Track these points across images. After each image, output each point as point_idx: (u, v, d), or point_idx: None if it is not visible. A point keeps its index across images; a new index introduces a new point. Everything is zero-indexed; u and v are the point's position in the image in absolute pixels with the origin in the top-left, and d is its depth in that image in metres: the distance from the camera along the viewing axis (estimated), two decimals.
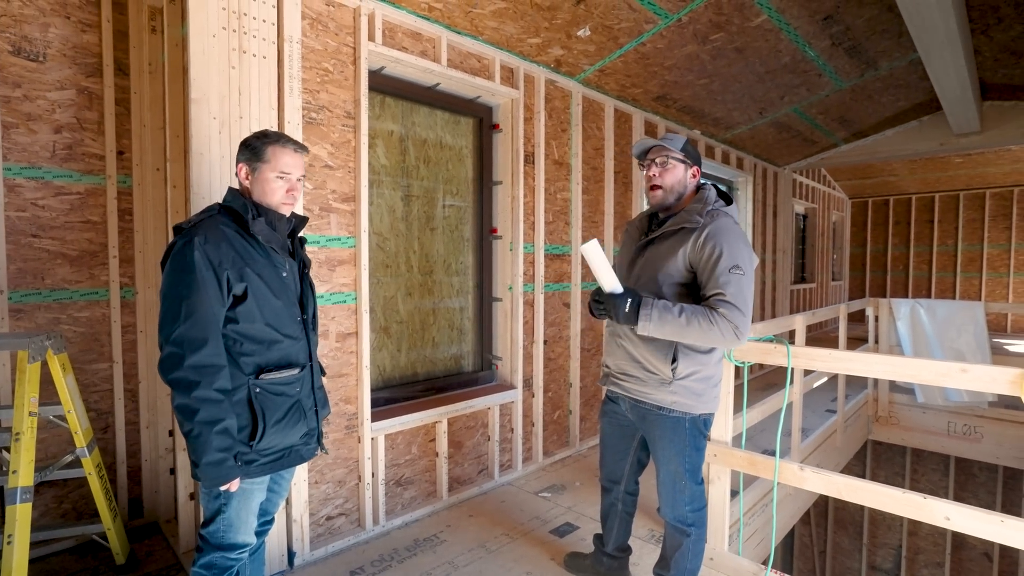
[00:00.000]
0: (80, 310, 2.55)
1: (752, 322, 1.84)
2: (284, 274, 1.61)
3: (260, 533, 1.78)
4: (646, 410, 1.92)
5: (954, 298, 9.84)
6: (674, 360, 1.80)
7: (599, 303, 1.82)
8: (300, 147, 1.63)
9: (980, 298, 9.59)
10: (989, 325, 9.32)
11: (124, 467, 2.67)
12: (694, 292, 1.82)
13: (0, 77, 2.29)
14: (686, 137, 1.92)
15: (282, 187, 1.59)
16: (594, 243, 1.73)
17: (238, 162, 1.60)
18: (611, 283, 1.77)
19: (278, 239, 1.62)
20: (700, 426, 1.90)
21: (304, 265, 1.72)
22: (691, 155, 1.89)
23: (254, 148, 1.58)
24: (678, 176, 1.87)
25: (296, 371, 1.62)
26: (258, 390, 1.51)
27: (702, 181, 1.96)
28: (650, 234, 1.94)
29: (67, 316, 2.51)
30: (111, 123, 2.59)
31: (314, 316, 1.76)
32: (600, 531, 2.31)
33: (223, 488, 1.46)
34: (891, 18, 3.57)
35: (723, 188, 1.94)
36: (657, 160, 1.87)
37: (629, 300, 1.73)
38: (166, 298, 1.43)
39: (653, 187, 1.89)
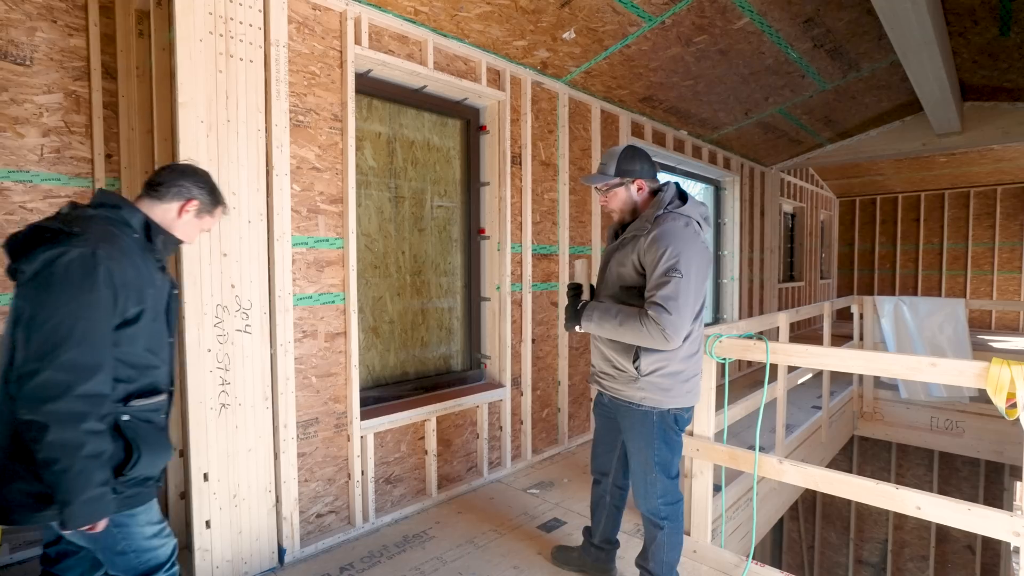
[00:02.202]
0: None
1: (739, 319, 1.90)
2: (164, 295, 1.53)
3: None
4: (619, 404, 2.02)
5: (940, 295, 9.99)
6: (636, 358, 1.88)
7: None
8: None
9: (965, 295, 9.74)
10: (974, 322, 9.54)
11: None
12: None
13: None
14: (623, 149, 1.99)
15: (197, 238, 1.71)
16: (580, 262, 2.13)
17: (192, 196, 1.54)
18: (586, 296, 2.09)
19: (164, 260, 1.57)
20: (670, 421, 1.95)
21: (173, 285, 1.59)
22: (629, 172, 1.96)
23: (214, 197, 1.61)
24: (621, 197, 1.99)
25: (162, 397, 1.50)
26: (127, 418, 1.38)
27: (664, 182, 2.01)
28: (618, 239, 2.03)
29: None
30: (99, 126, 2.60)
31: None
32: (589, 523, 2.36)
33: (93, 529, 1.30)
34: (871, 21, 3.64)
35: (683, 187, 2.00)
36: (600, 189, 2.03)
37: (575, 306, 2.01)
38: (53, 315, 1.24)
39: (610, 211, 2.07)
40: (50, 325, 1.24)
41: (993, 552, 7.00)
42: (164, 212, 1.52)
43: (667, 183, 1.99)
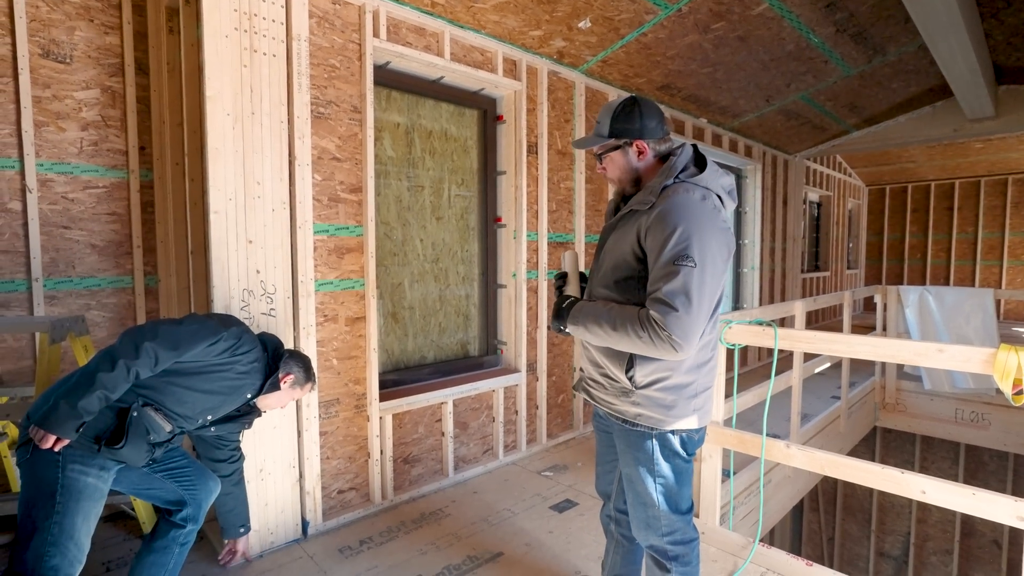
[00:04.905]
0: (108, 296, 2.72)
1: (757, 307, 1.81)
2: (241, 405, 2.03)
3: None
4: (612, 420, 1.63)
5: (974, 286, 9.69)
6: (630, 366, 1.49)
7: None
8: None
9: (1001, 286, 9.44)
10: (1009, 313, 9.26)
11: None
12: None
13: (32, 79, 2.45)
14: (621, 102, 1.56)
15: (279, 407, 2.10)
16: (569, 252, 1.74)
17: (291, 371, 1.99)
18: (574, 288, 1.70)
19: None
20: (674, 445, 1.54)
21: (250, 409, 2.07)
22: (626, 131, 1.53)
23: (309, 375, 2.06)
24: (619, 164, 1.58)
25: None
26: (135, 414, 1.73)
27: (678, 143, 1.59)
28: (617, 214, 1.61)
29: (96, 302, 2.69)
30: (133, 120, 2.74)
31: None
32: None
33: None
34: (895, 3, 3.56)
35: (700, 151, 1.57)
36: (596, 153, 1.64)
37: (562, 301, 1.62)
38: None
39: (609, 181, 1.67)
40: None
41: (1020, 548, 6.84)
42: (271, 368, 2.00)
43: (681, 144, 1.56)
